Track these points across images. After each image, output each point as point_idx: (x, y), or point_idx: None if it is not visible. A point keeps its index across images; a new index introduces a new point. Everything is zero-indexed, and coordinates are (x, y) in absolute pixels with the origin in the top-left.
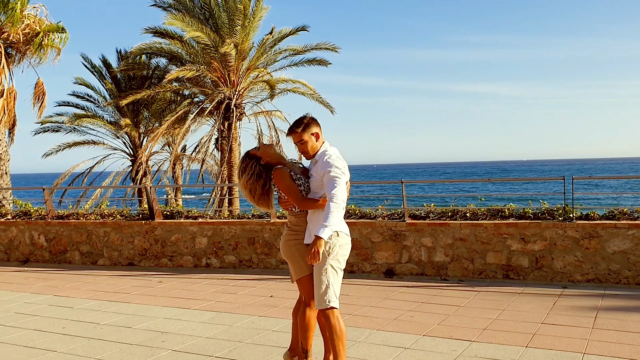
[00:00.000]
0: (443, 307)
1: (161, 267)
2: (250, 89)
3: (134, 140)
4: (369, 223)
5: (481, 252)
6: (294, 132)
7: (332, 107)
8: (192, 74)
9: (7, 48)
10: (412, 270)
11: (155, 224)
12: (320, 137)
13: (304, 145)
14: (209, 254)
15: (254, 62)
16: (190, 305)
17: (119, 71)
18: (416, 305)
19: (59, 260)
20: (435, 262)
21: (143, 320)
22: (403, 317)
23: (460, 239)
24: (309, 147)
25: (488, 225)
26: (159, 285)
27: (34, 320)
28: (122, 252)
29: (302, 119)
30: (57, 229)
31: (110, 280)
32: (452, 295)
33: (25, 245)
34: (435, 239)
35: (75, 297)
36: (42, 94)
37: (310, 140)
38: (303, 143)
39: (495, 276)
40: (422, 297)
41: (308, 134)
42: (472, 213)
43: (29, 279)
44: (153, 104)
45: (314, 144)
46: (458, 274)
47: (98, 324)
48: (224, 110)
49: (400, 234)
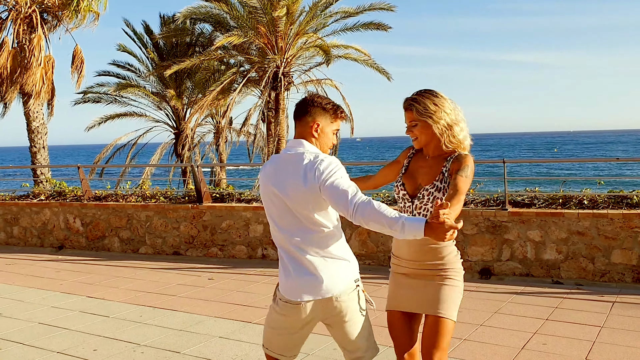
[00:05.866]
0: (579, 328)
1: (210, 258)
2: (299, 56)
3: (177, 112)
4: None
5: (604, 250)
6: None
7: (388, 74)
8: (239, 40)
9: (42, 13)
10: (515, 270)
11: (203, 208)
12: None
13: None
14: (265, 244)
15: (303, 26)
16: (251, 317)
17: (161, 37)
18: (541, 324)
19: (97, 247)
20: (545, 261)
21: (194, 341)
22: (534, 346)
23: (578, 232)
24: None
25: (614, 216)
26: (210, 284)
27: (60, 336)
28: (167, 240)
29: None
30: (94, 212)
31: (153, 276)
32: (580, 308)
33: (60, 229)
34: (546, 232)
35: (112, 299)
36: (81, 62)
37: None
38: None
39: (623, 279)
40: (543, 310)
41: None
42: (590, 200)
43: (62, 272)
44: (197, 74)
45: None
46: (574, 275)
47: (138, 344)
48: (272, 80)
49: (501, 225)
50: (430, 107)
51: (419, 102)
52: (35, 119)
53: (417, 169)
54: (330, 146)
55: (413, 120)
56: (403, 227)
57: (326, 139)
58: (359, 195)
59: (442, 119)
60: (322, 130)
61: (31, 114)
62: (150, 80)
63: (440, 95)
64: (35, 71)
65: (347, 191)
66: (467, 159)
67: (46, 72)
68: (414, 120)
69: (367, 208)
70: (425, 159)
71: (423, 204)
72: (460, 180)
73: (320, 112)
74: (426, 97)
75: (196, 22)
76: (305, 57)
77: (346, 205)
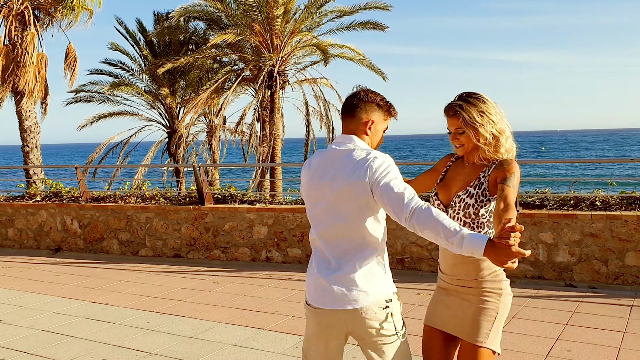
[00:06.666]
0: (601, 333)
1: (213, 260)
2: (293, 55)
3: (170, 111)
4: None
5: (618, 252)
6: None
7: (384, 74)
8: (234, 37)
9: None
10: (527, 273)
11: (205, 209)
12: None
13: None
14: (269, 246)
15: (298, 25)
16: (262, 323)
17: (155, 35)
18: (562, 330)
19: (95, 249)
20: (557, 263)
21: (206, 349)
22: (558, 353)
23: (591, 234)
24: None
25: (628, 218)
26: (216, 288)
27: (66, 344)
28: (167, 242)
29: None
30: (92, 213)
31: (156, 279)
32: (599, 312)
33: (57, 231)
34: (558, 234)
35: (117, 304)
36: (74, 60)
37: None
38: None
39: (637, 282)
40: (561, 314)
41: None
42: (602, 201)
43: (61, 276)
44: (190, 72)
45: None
46: (587, 278)
47: (149, 353)
48: (267, 78)
49: None
50: (476, 117)
51: (465, 110)
52: (28, 117)
53: (454, 176)
54: (378, 145)
55: (459, 127)
56: (462, 241)
57: (377, 137)
58: (417, 200)
59: (489, 130)
60: (375, 127)
61: (24, 112)
62: (143, 79)
63: (487, 101)
64: (28, 69)
65: (404, 193)
66: (512, 166)
67: (39, 70)
68: (460, 128)
69: (425, 214)
70: (464, 166)
71: (455, 213)
72: (509, 192)
73: (375, 108)
74: (473, 103)
75: (190, 20)
76: (300, 55)
77: (402, 208)
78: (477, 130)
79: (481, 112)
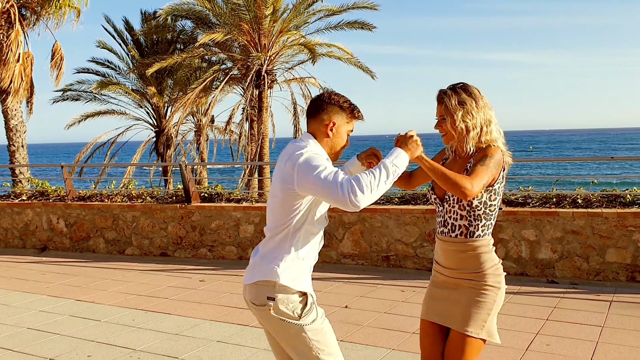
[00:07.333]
0: (580, 328)
1: (199, 259)
2: (281, 54)
3: (158, 110)
4: None
5: (599, 249)
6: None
7: (372, 72)
8: (222, 37)
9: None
10: (510, 269)
11: (192, 208)
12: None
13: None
14: (255, 244)
15: (286, 24)
16: (247, 320)
17: (142, 34)
18: (542, 325)
19: (81, 248)
20: (540, 260)
21: (192, 345)
22: (538, 347)
23: (573, 231)
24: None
25: (609, 215)
26: (202, 286)
27: (51, 341)
28: (154, 241)
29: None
30: (78, 212)
31: (143, 278)
32: (579, 308)
33: (43, 230)
34: (541, 231)
35: (103, 302)
36: (61, 59)
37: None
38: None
39: (617, 278)
40: (542, 310)
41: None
42: (583, 199)
43: (47, 274)
44: (178, 71)
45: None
46: (568, 274)
47: (134, 350)
48: (255, 77)
49: (495, 224)
50: (455, 105)
51: (448, 97)
52: (14, 116)
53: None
54: (343, 147)
55: (442, 114)
56: (392, 164)
57: (340, 140)
58: (342, 175)
59: (463, 120)
60: (337, 129)
61: (9, 111)
62: (131, 78)
63: (472, 93)
64: (13, 67)
65: (330, 179)
66: (490, 149)
67: (25, 68)
68: (443, 115)
69: (357, 182)
70: (457, 160)
71: (450, 206)
72: (479, 169)
73: (337, 110)
74: (457, 92)
75: (178, 19)
76: (288, 55)
77: (336, 191)
78: (453, 118)
79: (462, 102)
